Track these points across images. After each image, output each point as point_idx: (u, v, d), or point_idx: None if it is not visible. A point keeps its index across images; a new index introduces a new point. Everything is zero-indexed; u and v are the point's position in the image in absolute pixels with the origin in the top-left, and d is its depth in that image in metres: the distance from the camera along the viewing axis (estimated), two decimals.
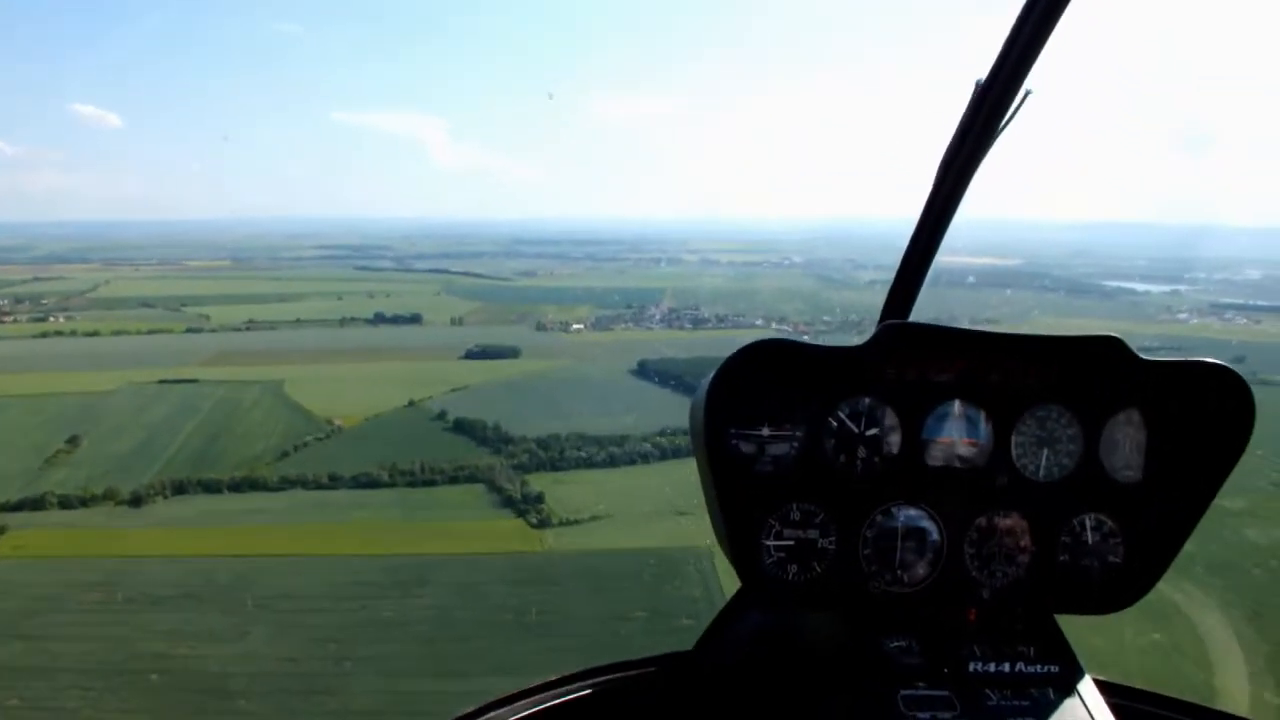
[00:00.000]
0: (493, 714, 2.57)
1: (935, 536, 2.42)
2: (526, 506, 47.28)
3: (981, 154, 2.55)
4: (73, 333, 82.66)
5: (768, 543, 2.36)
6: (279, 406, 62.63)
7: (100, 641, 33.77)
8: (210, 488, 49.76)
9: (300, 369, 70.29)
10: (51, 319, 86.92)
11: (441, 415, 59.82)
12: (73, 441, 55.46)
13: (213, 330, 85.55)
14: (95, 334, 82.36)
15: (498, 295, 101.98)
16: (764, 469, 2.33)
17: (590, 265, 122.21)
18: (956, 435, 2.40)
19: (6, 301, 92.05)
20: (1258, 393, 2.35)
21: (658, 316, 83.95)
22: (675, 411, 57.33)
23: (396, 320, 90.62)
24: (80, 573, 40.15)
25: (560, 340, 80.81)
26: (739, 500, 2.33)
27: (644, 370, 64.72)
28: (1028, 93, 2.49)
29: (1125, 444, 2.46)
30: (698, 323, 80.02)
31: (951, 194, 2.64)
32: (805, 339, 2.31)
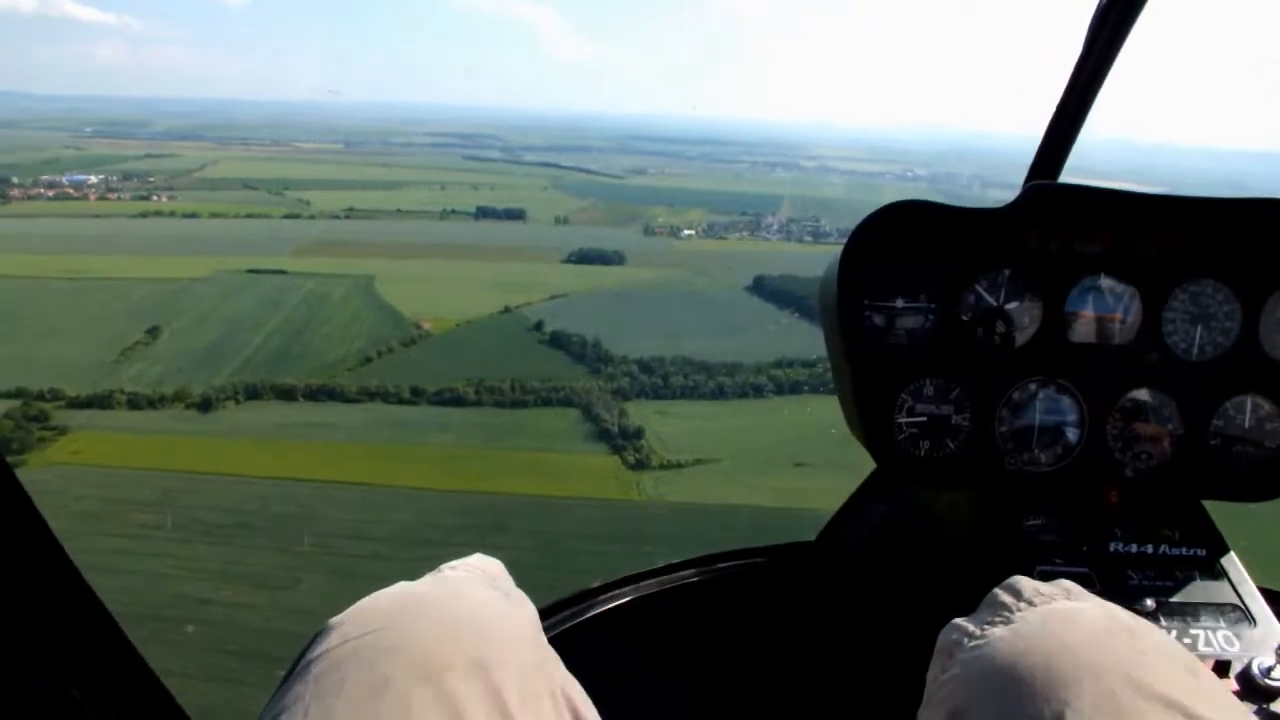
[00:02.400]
0: (607, 595, 2.50)
1: (1075, 415, 2.20)
2: (624, 442, 40.91)
3: (1136, 10, 2.21)
4: (172, 213, 78.79)
5: (900, 419, 2.17)
6: (367, 305, 57.16)
7: (139, 575, 28.86)
8: (284, 394, 44.60)
9: (394, 264, 64.67)
10: (155, 198, 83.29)
11: (538, 326, 53.51)
12: (152, 333, 51.10)
13: (311, 217, 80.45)
14: (194, 215, 78.33)
15: (607, 193, 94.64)
16: (897, 342, 2.15)
17: (705, 166, 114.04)
18: (1102, 310, 2.17)
19: (116, 178, 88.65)
20: None
21: (775, 226, 75.93)
22: (796, 339, 49.80)
23: (499, 215, 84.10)
24: (134, 489, 35.46)
25: (670, 247, 73.40)
26: (871, 375, 2.14)
27: (761, 288, 56.96)
28: None
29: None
30: (818, 236, 71.99)
31: (1110, 42, 2.28)
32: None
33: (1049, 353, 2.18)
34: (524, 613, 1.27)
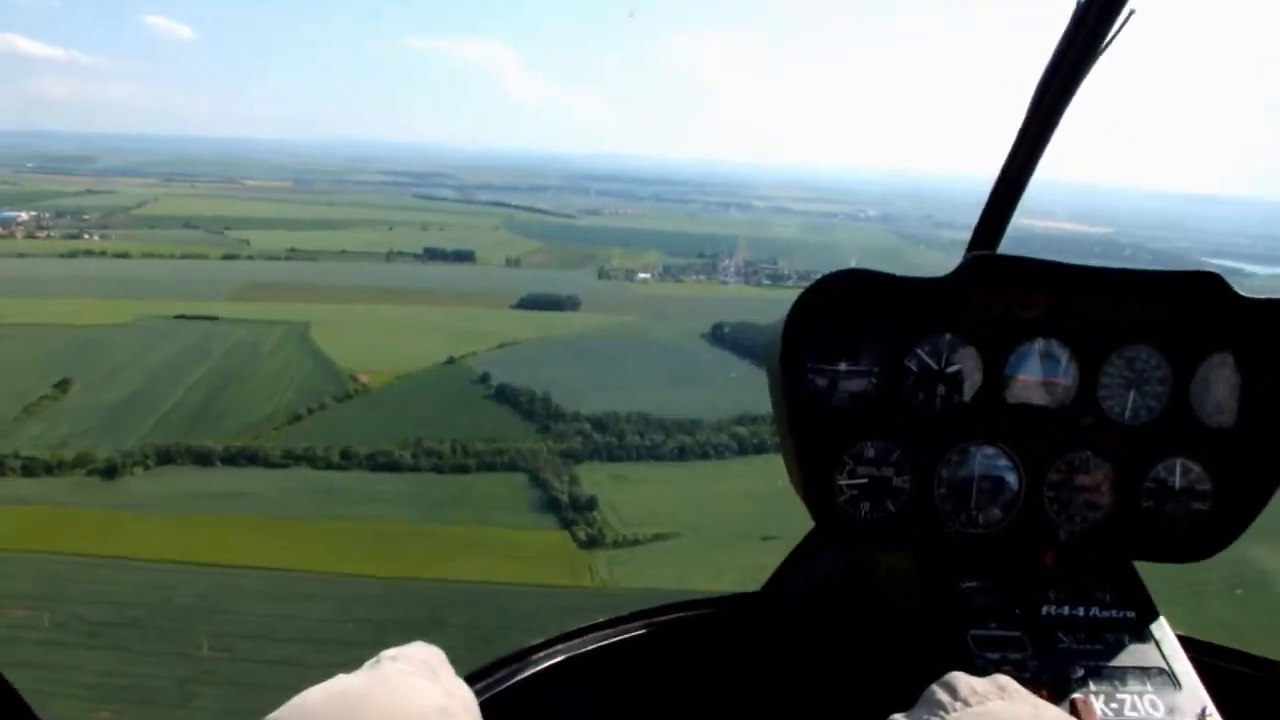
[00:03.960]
0: (548, 650, 2.39)
1: (1013, 477, 2.23)
2: (575, 515, 36.21)
3: (1080, 76, 2.30)
4: (103, 253, 72.78)
5: (841, 481, 2.16)
6: (300, 355, 51.84)
7: None
8: (201, 458, 39.25)
9: (333, 309, 59.36)
10: (86, 236, 77.12)
11: (484, 378, 48.57)
12: (61, 386, 45.51)
13: (250, 258, 74.86)
14: (125, 255, 72.37)
15: (560, 234, 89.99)
16: (839, 404, 2.13)
17: (657, 206, 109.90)
18: (1040, 374, 2.19)
19: (49, 215, 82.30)
20: None
21: (732, 269, 71.79)
22: (756, 390, 45.15)
23: (448, 257, 78.87)
24: (12, 576, 29.99)
25: (625, 291, 68.67)
26: (813, 436, 2.12)
27: (720, 335, 52.53)
28: (1131, 12, 2.29)
29: (1219, 387, 2.23)
30: (776, 279, 68.03)
31: (1047, 120, 2.36)
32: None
33: (989, 416, 2.19)
34: (466, 707, 1.22)
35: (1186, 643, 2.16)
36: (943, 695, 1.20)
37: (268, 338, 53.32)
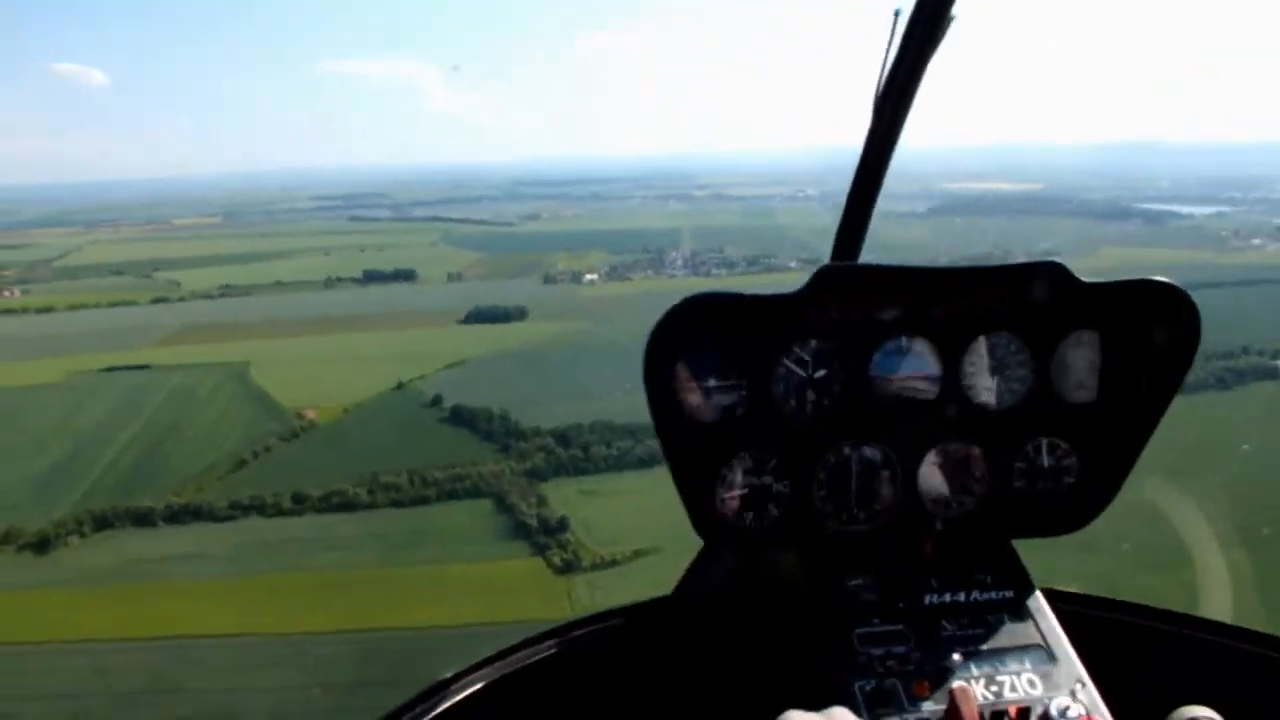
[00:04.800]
0: (463, 680, 2.31)
1: (889, 472, 2.27)
2: (547, 539, 33.69)
3: (914, 87, 2.35)
4: (24, 310, 68.45)
5: (722, 492, 2.18)
6: (241, 397, 48.54)
7: None
8: (141, 519, 36.06)
9: (272, 345, 56.15)
10: (5, 294, 72.66)
11: (436, 401, 45.68)
12: None
13: (181, 299, 71.03)
14: (49, 309, 68.10)
15: (500, 243, 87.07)
16: (714, 419, 2.13)
17: (596, 205, 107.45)
18: (905, 370, 2.22)
19: None
20: None
21: (680, 262, 69.59)
22: None
23: (388, 277, 75.62)
24: None
25: (573, 295, 66.07)
26: (690, 451, 2.12)
27: None
28: (952, 18, 2.36)
29: (1077, 366, 2.31)
30: (727, 266, 66.07)
31: (889, 131, 2.42)
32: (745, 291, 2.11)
33: (860, 415, 2.21)
34: None
35: (1054, 595, 2.29)
36: None
37: (205, 382, 49.92)
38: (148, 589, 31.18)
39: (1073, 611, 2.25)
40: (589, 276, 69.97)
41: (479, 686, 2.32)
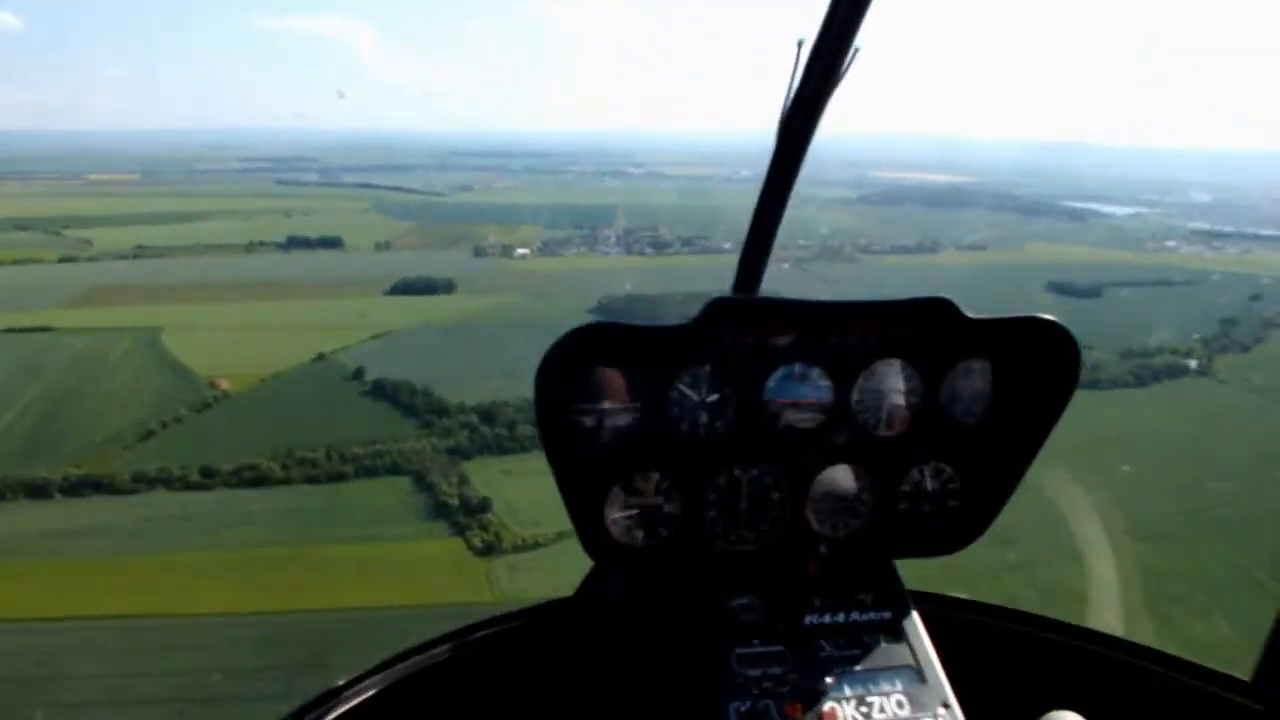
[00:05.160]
0: (357, 686, 2.30)
1: (778, 494, 2.33)
2: (468, 519, 32.53)
3: (817, 116, 2.43)
4: None
5: (612, 512, 2.24)
6: (152, 364, 45.97)
7: None
8: (35, 491, 33.79)
9: (188, 310, 53.42)
10: None
11: (358, 374, 43.88)
12: None
13: (92, 259, 67.09)
14: None
15: (431, 213, 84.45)
16: (607, 440, 2.17)
17: (531, 179, 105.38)
18: (798, 395, 2.28)
19: None
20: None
21: (613, 239, 68.40)
22: None
23: (313, 244, 72.64)
24: None
25: (504, 269, 64.30)
26: (581, 472, 2.17)
27: (607, 311, 49.20)
28: (856, 50, 2.42)
29: (964, 394, 2.37)
30: (659, 246, 65.12)
31: (792, 158, 2.52)
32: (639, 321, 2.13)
33: (752, 439, 2.26)
34: None
35: (921, 598, 2.42)
36: None
37: (113, 347, 47.23)
38: (39, 566, 29.23)
39: (945, 615, 2.43)
40: (520, 251, 68.31)
41: (371, 694, 2.29)
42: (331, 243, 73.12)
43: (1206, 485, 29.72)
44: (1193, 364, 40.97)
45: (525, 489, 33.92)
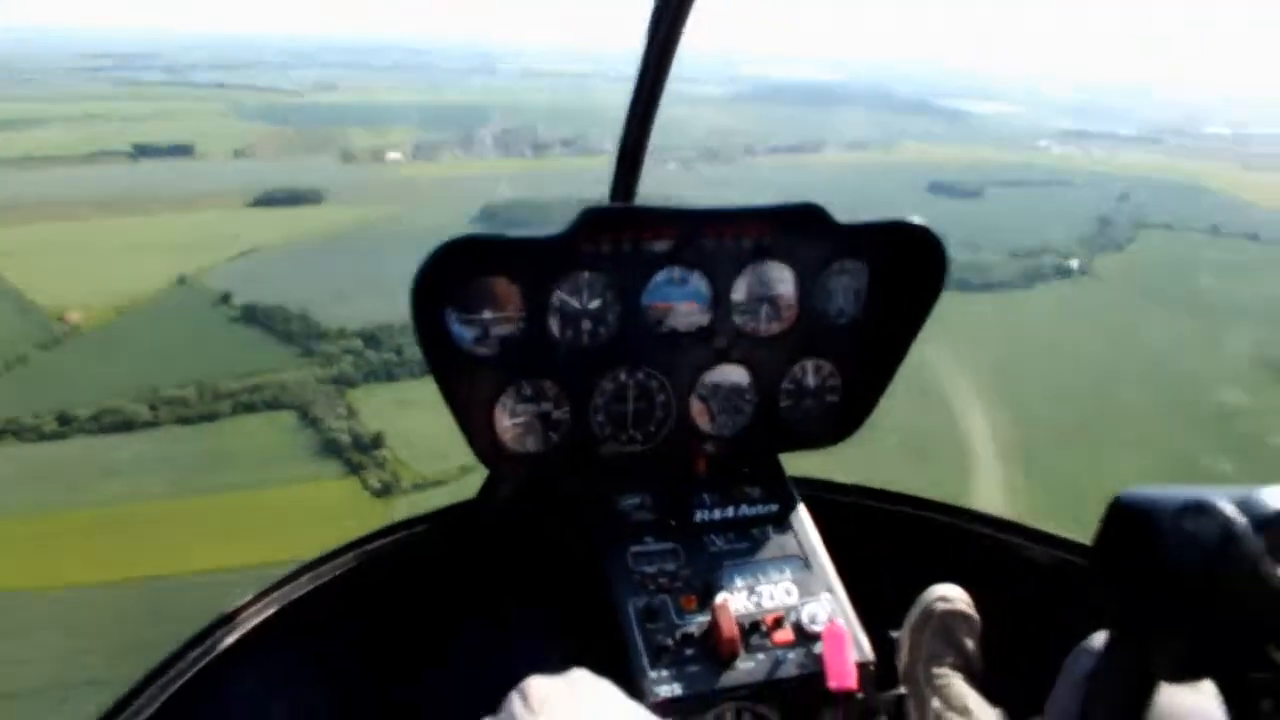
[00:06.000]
0: (258, 604, 2.25)
1: (664, 397, 2.33)
2: (362, 456, 30.10)
3: (681, 24, 2.25)
4: None
5: (502, 420, 2.21)
6: None
7: None
8: None
9: (24, 232, 47.66)
10: None
11: (226, 298, 39.96)
12: None
13: None
14: None
15: (292, 116, 78.00)
16: (490, 350, 2.13)
17: (399, 76, 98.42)
18: (676, 299, 2.26)
19: None
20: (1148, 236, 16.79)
21: (489, 141, 64.30)
22: None
23: (164, 153, 65.81)
24: None
25: (376, 176, 59.63)
26: (468, 384, 2.13)
27: (491, 219, 46.04)
28: None
29: (839, 293, 2.41)
30: (539, 148, 61.73)
31: (663, 56, 2.33)
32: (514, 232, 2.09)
33: (634, 343, 2.25)
34: None
35: (805, 484, 2.54)
36: (516, 704, 1.18)
37: None
38: None
39: (829, 500, 2.57)
40: (392, 155, 63.62)
41: (273, 611, 2.25)
42: (183, 150, 66.50)
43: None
44: (1074, 264, 41.64)
45: (420, 420, 31.62)
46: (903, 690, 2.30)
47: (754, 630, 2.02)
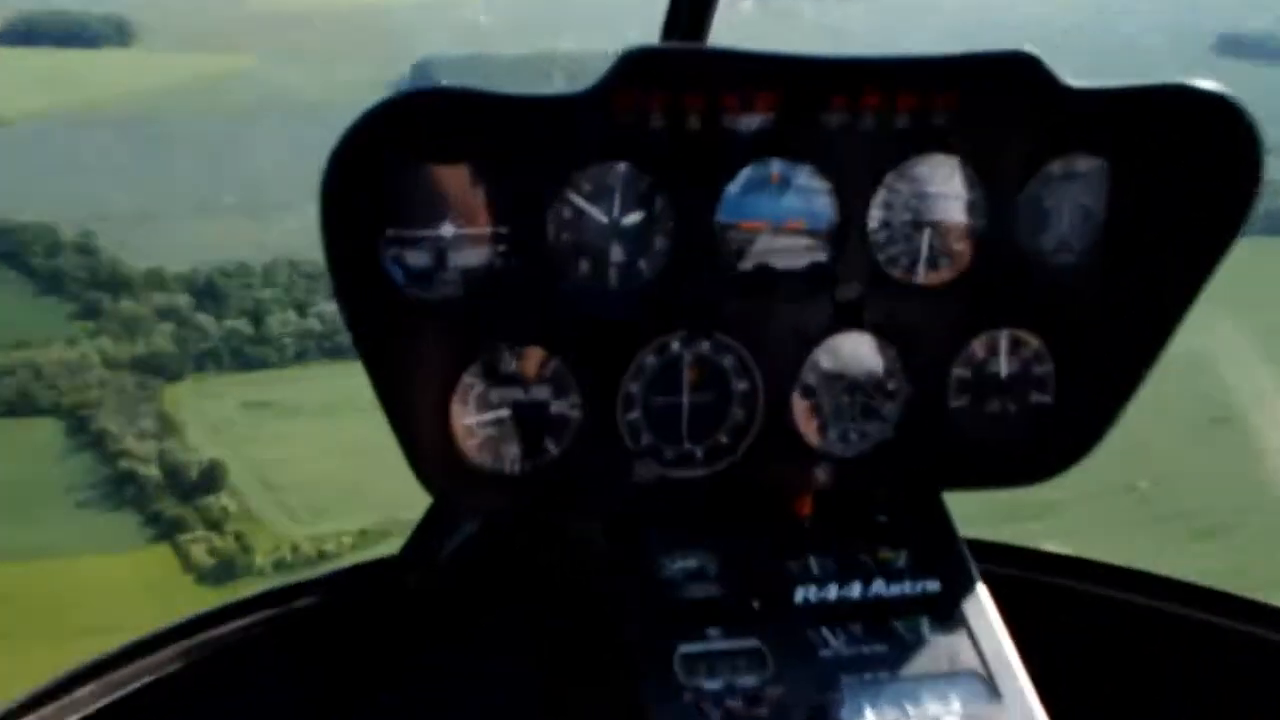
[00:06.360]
0: (129, 666, 1.71)
1: (744, 384, 1.54)
2: (180, 509, 17.42)
3: None
4: None
5: (466, 414, 1.47)
6: None
7: None
8: None
9: None
10: None
11: None
12: None
13: None
14: None
15: None
16: (450, 294, 1.42)
17: None
18: (774, 216, 1.50)
19: None
20: None
21: None
22: None
23: None
24: None
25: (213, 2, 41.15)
26: (411, 348, 1.43)
27: (428, 81, 30.37)
28: None
29: (1060, 214, 1.57)
30: None
31: None
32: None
33: (697, 291, 1.50)
34: None
35: (981, 547, 1.68)
36: None
37: None
38: None
39: (1028, 580, 1.77)
40: None
41: (148, 680, 1.69)
42: None
43: None
44: None
45: (290, 438, 19.01)
46: None
47: None
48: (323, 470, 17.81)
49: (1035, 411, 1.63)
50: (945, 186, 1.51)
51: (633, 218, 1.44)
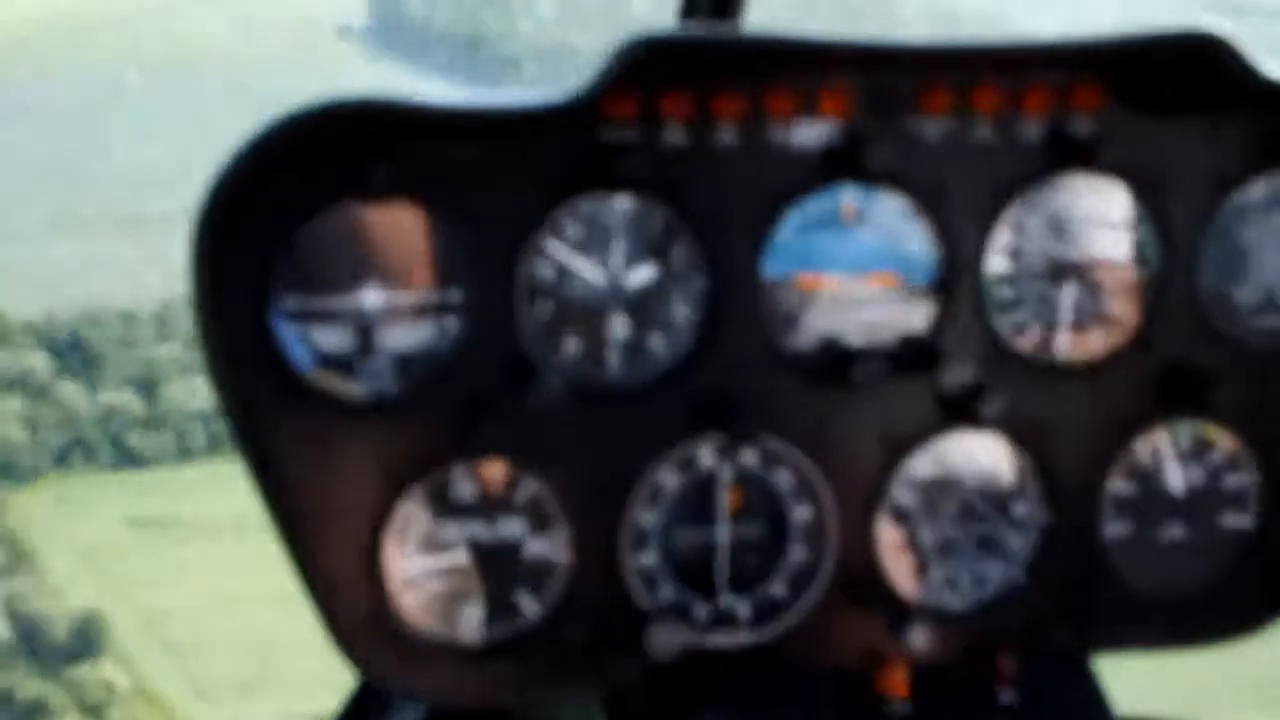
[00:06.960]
0: None
1: (807, 511, 1.21)
2: (45, 691, 12.70)
3: None
4: None
5: (405, 562, 1.16)
6: None
7: None
8: None
9: None
10: None
11: None
12: None
13: None
14: None
15: None
16: (378, 387, 1.13)
17: None
18: (849, 266, 1.17)
19: None
20: None
21: None
22: None
23: None
24: None
25: None
26: (323, 465, 1.11)
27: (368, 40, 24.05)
28: None
29: (1258, 256, 1.21)
30: None
31: None
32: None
33: (735, 379, 1.17)
34: None
35: None
36: None
37: None
38: None
39: None
40: None
41: None
42: None
43: None
44: None
45: (198, 570, 14.02)
46: None
47: None
48: (244, 621, 12.85)
49: (1228, 540, 1.24)
50: (1096, 219, 1.14)
51: (641, 274, 1.10)
